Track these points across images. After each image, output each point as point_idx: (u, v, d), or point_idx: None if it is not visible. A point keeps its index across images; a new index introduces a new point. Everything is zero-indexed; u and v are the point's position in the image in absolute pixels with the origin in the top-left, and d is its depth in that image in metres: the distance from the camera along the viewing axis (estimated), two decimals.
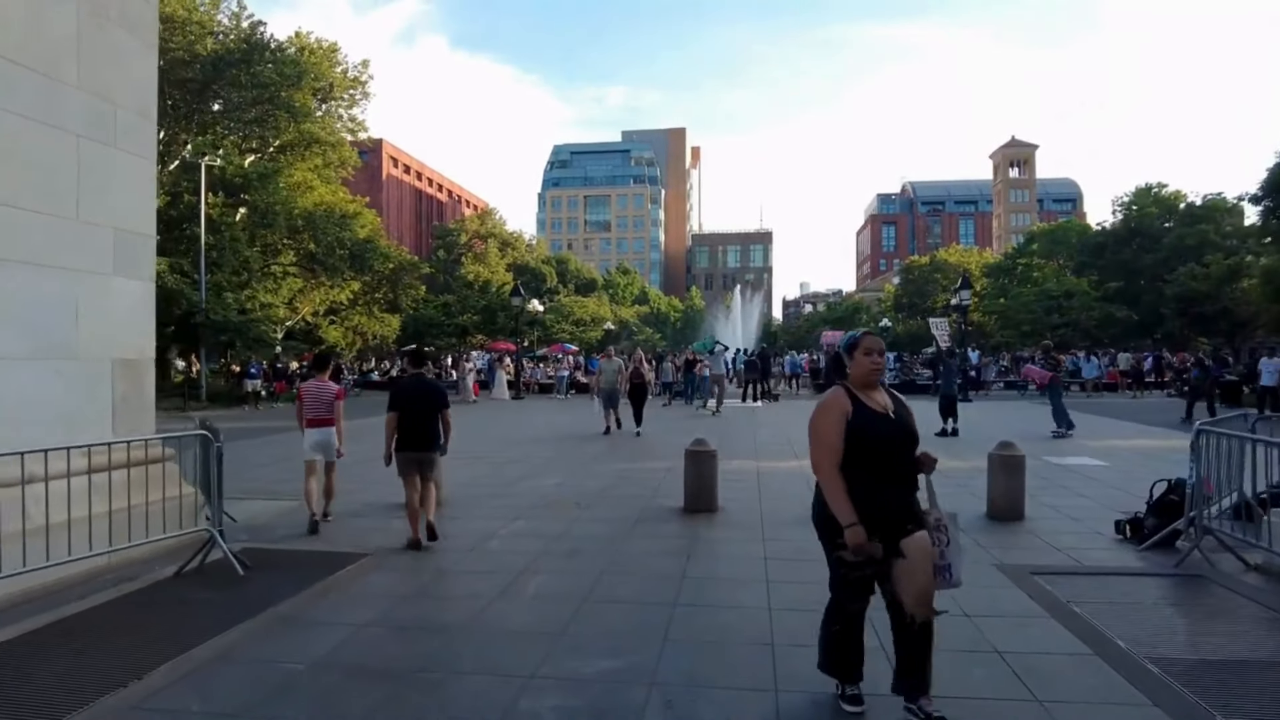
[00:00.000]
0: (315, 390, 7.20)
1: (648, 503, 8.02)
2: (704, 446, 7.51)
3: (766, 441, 13.33)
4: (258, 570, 5.66)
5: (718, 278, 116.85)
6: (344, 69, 34.95)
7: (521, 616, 4.64)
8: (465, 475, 9.82)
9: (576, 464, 10.87)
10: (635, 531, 6.74)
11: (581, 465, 10.78)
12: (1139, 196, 51.76)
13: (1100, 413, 19.34)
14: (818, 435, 3.27)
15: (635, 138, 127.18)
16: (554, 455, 11.71)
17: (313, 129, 32.77)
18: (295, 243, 32.61)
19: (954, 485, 8.83)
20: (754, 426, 16.34)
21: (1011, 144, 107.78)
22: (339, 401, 7.21)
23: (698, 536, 6.55)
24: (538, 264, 76.09)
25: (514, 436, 14.63)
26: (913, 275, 67.85)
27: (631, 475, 9.87)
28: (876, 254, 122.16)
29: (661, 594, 4.99)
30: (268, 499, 8.50)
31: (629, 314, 76.62)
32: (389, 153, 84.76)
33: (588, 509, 7.78)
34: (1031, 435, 14.01)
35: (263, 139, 31.69)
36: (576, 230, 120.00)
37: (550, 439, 14.00)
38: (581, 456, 11.62)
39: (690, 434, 14.30)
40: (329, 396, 7.16)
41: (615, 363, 14.66)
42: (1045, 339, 29.72)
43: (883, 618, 3.31)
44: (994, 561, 5.77)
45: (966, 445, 12.56)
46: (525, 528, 6.94)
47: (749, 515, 7.32)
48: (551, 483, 9.30)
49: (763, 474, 9.83)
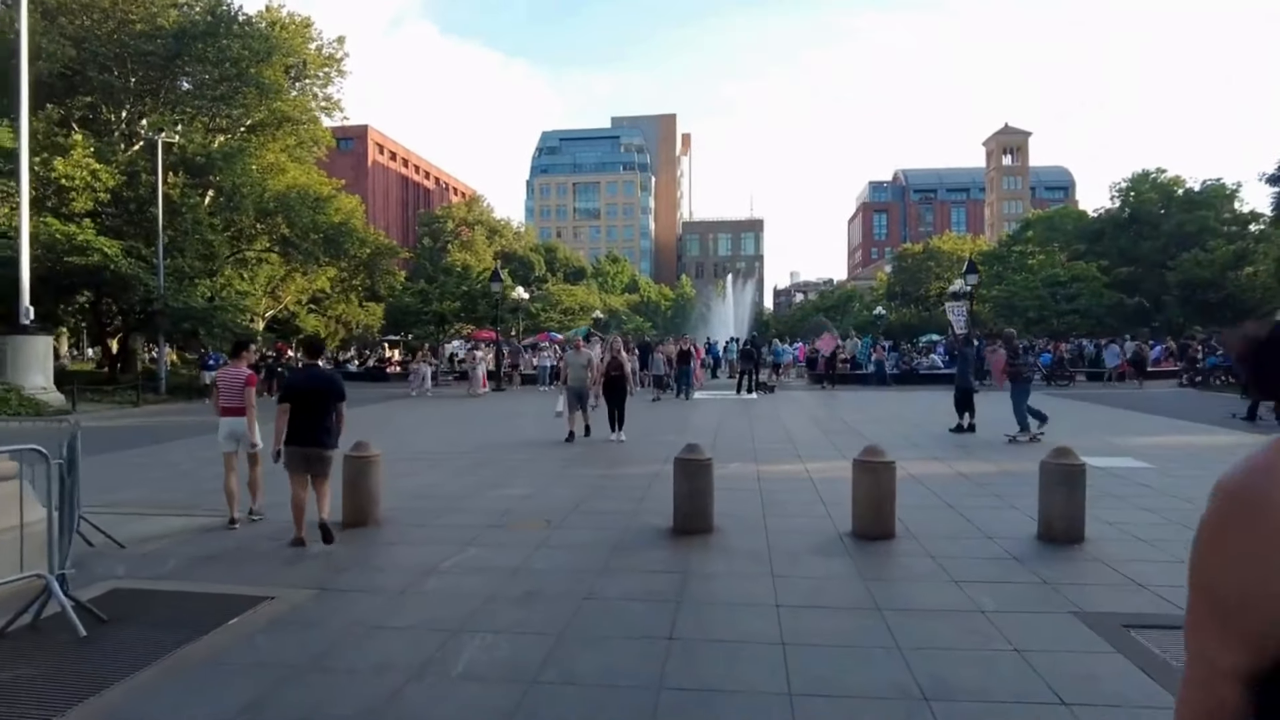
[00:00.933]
0: (227, 377, 6.77)
1: (629, 520, 6.71)
2: (697, 454, 6.20)
3: (766, 440, 12.03)
4: (114, 626, 4.32)
5: (709, 266, 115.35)
6: (318, 45, 33.27)
7: (439, 712, 3.32)
8: (419, 484, 8.47)
9: (551, 469, 9.53)
10: (611, 564, 5.42)
11: (556, 470, 9.44)
12: (1137, 182, 50.70)
13: (1115, 404, 18.16)
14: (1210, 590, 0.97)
15: (625, 124, 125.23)
16: (527, 458, 10.35)
17: (284, 107, 31.07)
18: (267, 226, 30.98)
19: (990, 497, 7.57)
20: (750, 421, 15.05)
21: (1005, 130, 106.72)
22: (249, 388, 6.71)
23: (689, 570, 5.24)
24: (526, 252, 74.56)
25: (485, 435, 13.24)
26: (906, 263, 66.88)
27: (613, 483, 8.55)
28: (868, 242, 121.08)
29: (641, 669, 3.67)
30: (181, 514, 7.16)
31: (619, 303, 75.19)
32: (375, 139, 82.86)
33: (557, 529, 6.46)
34: (1048, 428, 12.80)
35: (231, 117, 29.96)
36: (566, 218, 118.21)
37: (525, 438, 12.63)
38: (557, 459, 10.28)
39: (679, 432, 13.14)
40: (240, 383, 6.70)
41: (585, 355, 12.10)
42: (1053, 325, 28.55)
43: None
44: (1071, 608, 4.49)
45: (987, 444, 11.31)
46: (476, 559, 5.61)
47: (752, 539, 6.02)
48: (518, 493, 7.96)
49: (764, 480, 8.53)
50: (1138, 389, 23.73)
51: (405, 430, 13.99)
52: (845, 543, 5.90)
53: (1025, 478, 8.50)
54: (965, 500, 7.40)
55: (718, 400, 20.48)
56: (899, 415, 16.01)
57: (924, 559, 5.45)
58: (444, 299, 32.72)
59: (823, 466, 9.35)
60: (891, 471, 6.01)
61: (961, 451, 10.65)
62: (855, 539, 5.97)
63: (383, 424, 14.98)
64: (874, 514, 5.98)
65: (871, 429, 13.27)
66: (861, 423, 14.32)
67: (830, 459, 9.97)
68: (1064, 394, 22.01)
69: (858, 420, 14.69)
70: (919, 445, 11.22)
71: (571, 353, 12.63)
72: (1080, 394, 21.99)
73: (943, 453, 10.52)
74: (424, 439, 12.65)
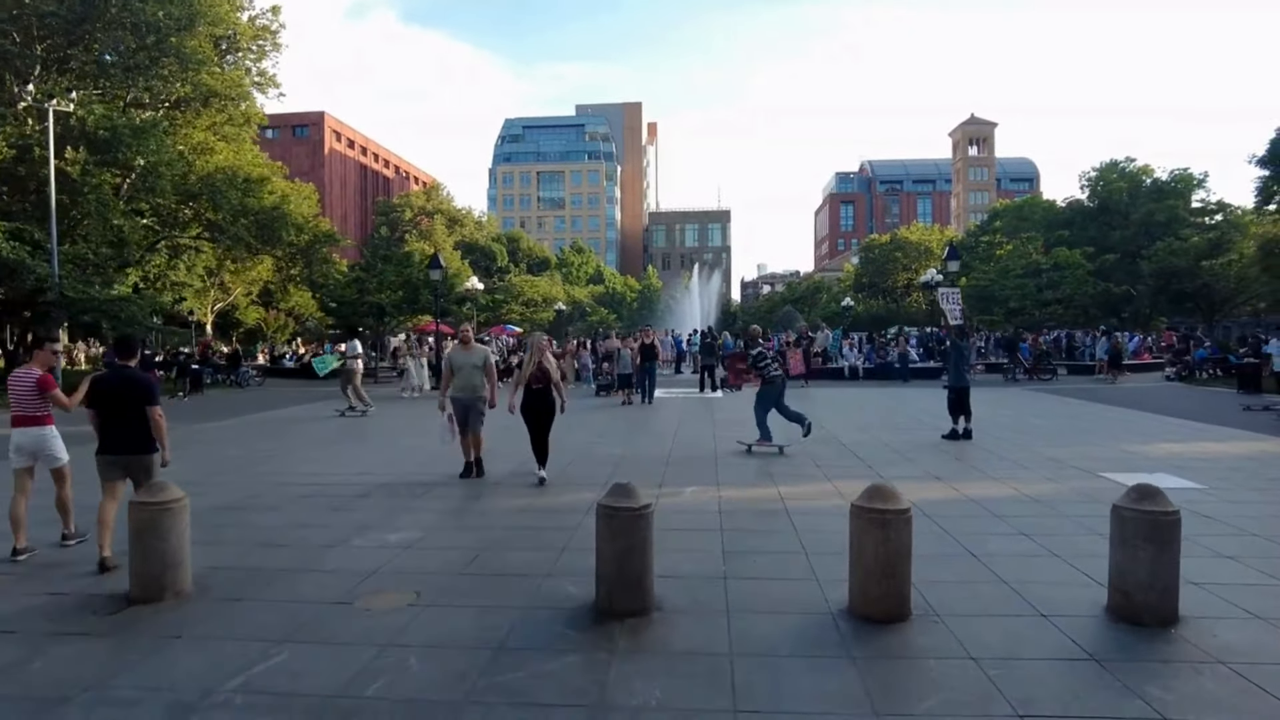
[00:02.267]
0: (18, 380, 5.74)
1: (537, 590, 4.77)
2: (627, 500, 4.27)
3: (730, 452, 10.17)
4: None
5: (675, 257, 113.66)
6: (251, 16, 30.53)
7: None
8: (275, 526, 6.42)
9: (454, 500, 7.51)
10: (482, 685, 3.48)
11: (460, 502, 7.42)
12: (1106, 171, 50.15)
13: (1110, 401, 16.70)
14: None
15: (590, 111, 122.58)
16: (431, 483, 8.29)
17: (211, 81, 28.26)
18: (195, 211, 28.23)
19: (1017, 536, 5.78)
20: (713, 426, 13.19)
21: (971, 121, 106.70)
22: (50, 393, 5.69)
23: (605, 702, 3.32)
24: (487, 242, 71.97)
25: (392, 449, 11.06)
26: (873, 254, 66.12)
27: (530, 522, 6.59)
28: (835, 234, 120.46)
29: None
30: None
31: (583, 294, 73.06)
32: (332, 126, 79.38)
33: (427, 606, 4.50)
34: (1050, 432, 11.17)
35: (150, 90, 27.12)
36: (529, 207, 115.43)
37: (440, 453, 10.51)
38: (467, 487, 8.25)
39: (627, 444, 10.92)
40: (30, 387, 5.67)
41: (479, 353, 8.50)
42: (1034, 315, 27.24)
43: None
44: None
45: (988, 455, 9.60)
46: (281, 673, 3.62)
47: (706, 627, 4.14)
48: (398, 540, 5.95)
49: (728, 514, 6.65)
50: (1110, 384, 22.44)
51: (303, 446, 11.83)
52: (841, 630, 4.05)
53: (1050, 505, 6.80)
54: (989, 543, 5.61)
55: (678, 399, 18.62)
56: (881, 418, 14.30)
57: (961, 664, 3.62)
58: (382, 289, 30.23)
59: (801, 492, 7.51)
60: (907, 522, 4.17)
61: (963, 467, 8.90)
62: (855, 623, 4.12)
63: (280, 435, 12.81)
64: (883, 585, 4.14)
65: (852, 436, 11.51)
66: (840, 428, 12.56)
67: (810, 480, 8.15)
68: (1050, 389, 20.63)
69: (836, 425, 12.93)
70: (911, 458, 9.46)
71: (456, 349, 8.77)
72: (1065, 389, 20.61)
73: (942, 469, 8.76)
74: (321, 458, 10.53)
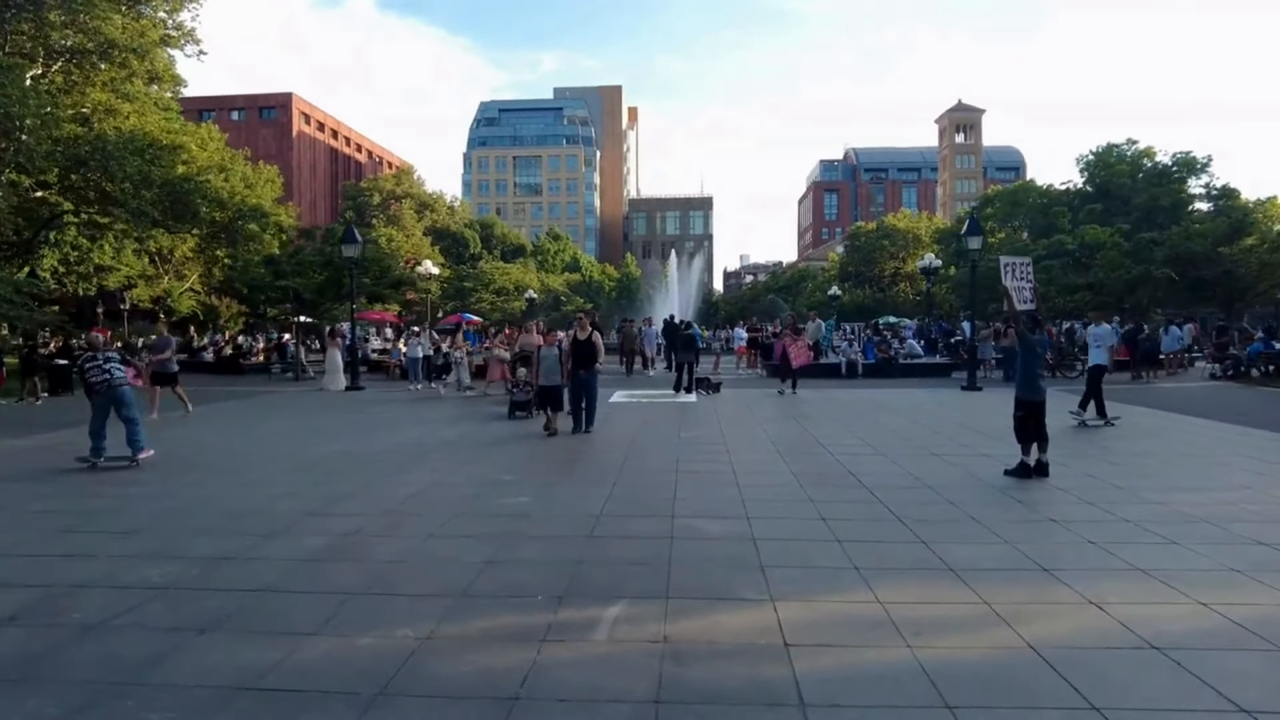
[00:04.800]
0: None
1: None
2: None
3: (697, 510, 6.75)
4: None
5: (656, 245, 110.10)
6: None
7: None
8: None
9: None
10: None
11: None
12: (1104, 155, 47.29)
13: (1164, 406, 13.54)
14: None
15: (568, 94, 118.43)
16: None
17: (108, 30, 24.33)
18: (86, 179, 24.34)
19: None
20: (678, 454, 9.79)
21: (958, 108, 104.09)
22: None
23: None
24: (460, 228, 68.23)
25: (298, 458, 7.69)
26: (859, 242, 63.42)
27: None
28: (819, 222, 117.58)
29: None
30: None
31: (558, 282, 69.31)
32: (300, 108, 75.13)
33: None
34: (1141, 456, 7.89)
35: (28, 36, 23.21)
36: (506, 192, 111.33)
37: (351, 465, 7.16)
38: (296, 550, 4.85)
39: (541, 503, 6.58)
40: None
41: None
42: (1060, 303, 24.11)
43: None
44: None
45: (1095, 508, 6.19)
46: None
47: None
48: None
49: (675, 684, 3.28)
50: (1144, 384, 19.40)
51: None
52: None
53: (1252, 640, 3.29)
54: None
55: (644, 405, 15.24)
56: (902, 435, 10.97)
57: None
58: (300, 272, 26.43)
59: (818, 619, 4.18)
60: None
61: (1075, 543, 5.57)
62: None
63: None
64: None
65: (870, 466, 8.20)
66: (852, 452, 9.24)
67: (829, 578, 4.79)
68: (1078, 390, 17.52)
69: (844, 448, 9.61)
70: (978, 519, 6.10)
71: None
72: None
73: (1041, 549, 5.37)
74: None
